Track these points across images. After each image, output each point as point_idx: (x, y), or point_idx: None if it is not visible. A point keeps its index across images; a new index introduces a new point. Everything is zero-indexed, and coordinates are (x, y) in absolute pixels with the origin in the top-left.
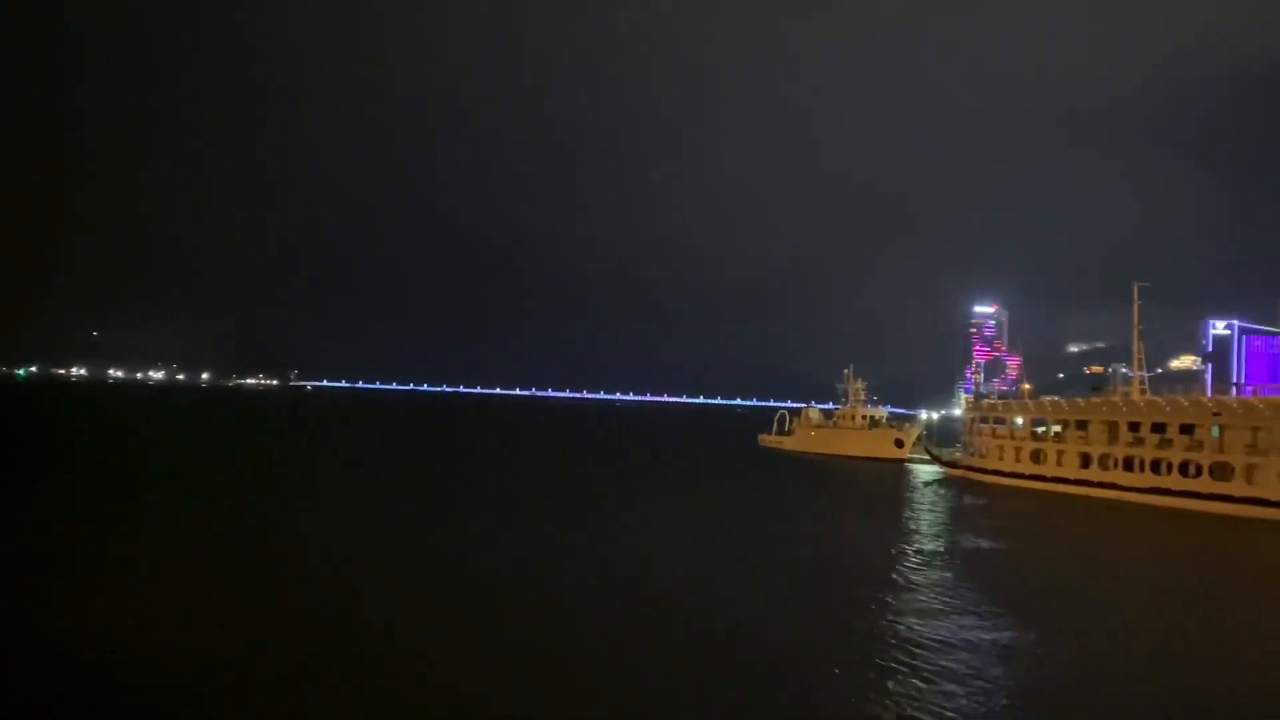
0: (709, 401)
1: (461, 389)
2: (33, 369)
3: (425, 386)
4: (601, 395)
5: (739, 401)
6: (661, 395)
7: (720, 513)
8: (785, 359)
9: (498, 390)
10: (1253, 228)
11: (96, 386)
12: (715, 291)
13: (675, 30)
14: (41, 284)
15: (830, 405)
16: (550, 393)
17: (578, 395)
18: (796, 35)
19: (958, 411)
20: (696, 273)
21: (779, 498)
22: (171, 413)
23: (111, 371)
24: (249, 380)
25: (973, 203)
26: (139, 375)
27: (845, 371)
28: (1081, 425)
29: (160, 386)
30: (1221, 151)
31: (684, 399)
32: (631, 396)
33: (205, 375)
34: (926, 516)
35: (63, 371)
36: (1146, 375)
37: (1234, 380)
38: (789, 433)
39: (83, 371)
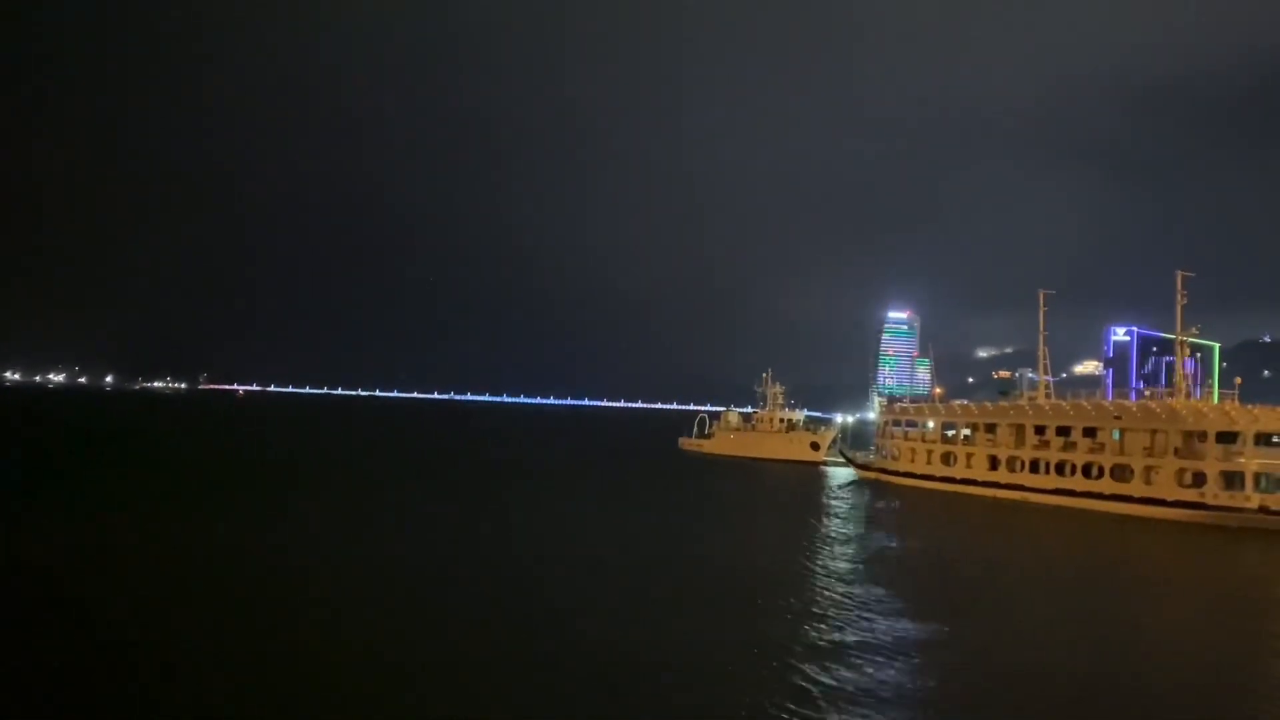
0: (632, 405)
1: (377, 392)
2: None
3: (339, 390)
4: (523, 399)
5: (662, 405)
6: (584, 400)
7: (630, 514)
8: (710, 363)
9: (415, 394)
10: (1154, 236)
11: None
12: (638, 297)
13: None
14: None
15: (750, 409)
16: (469, 396)
17: (498, 399)
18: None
19: (872, 415)
20: (622, 279)
21: (693, 500)
22: (94, 416)
23: (8, 374)
24: (156, 383)
25: (889, 211)
26: (37, 378)
27: (764, 375)
28: (990, 428)
29: (61, 389)
30: (1128, 163)
31: (608, 403)
32: (554, 400)
33: (109, 378)
34: (839, 518)
35: None
36: (1051, 380)
37: (1133, 385)
38: (709, 436)
39: None
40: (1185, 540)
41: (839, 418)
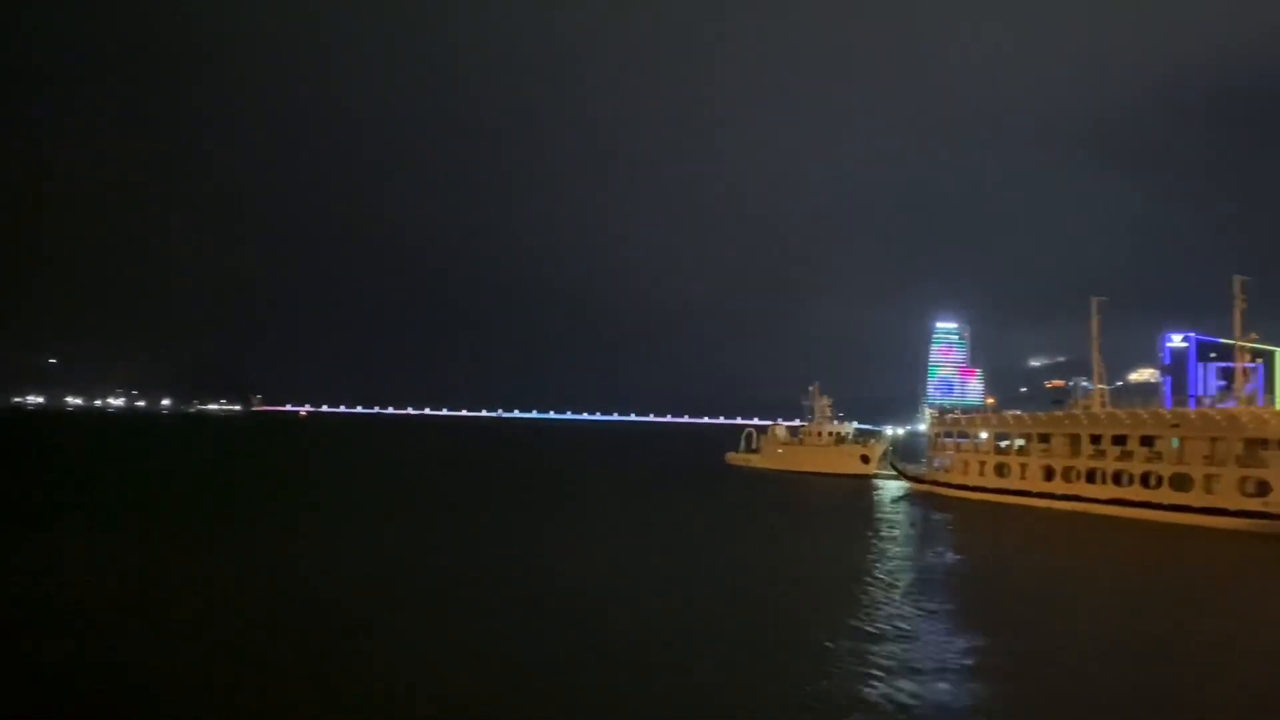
0: (677, 420)
1: (427, 410)
2: None
3: (390, 409)
4: (569, 416)
5: (708, 420)
6: (629, 415)
7: (683, 529)
8: (753, 377)
9: (463, 412)
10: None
11: (56, 415)
12: (680, 310)
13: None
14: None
15: (797, 422)
16: (516, 413)
17: (543, 415)
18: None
19: (922, 427)
20: (664, 293)
21: (744, 515)
22: (172, 440)
23: (69, 399)
24: (211, 405)
25: (937, 219)
26: (97, 402)
27: (811, 388)
28: (1044, 438)
29: (121, 413)
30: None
31: (654, 418)
32: (599, 416)
33: (166, 401)
34: (892, 531)
35: (19, 400)
36: (1107, 388)
37: (1191, 392)
38: (756, 450)
39: (40, 399)
40: (1249, 551)
41: (889, 430)
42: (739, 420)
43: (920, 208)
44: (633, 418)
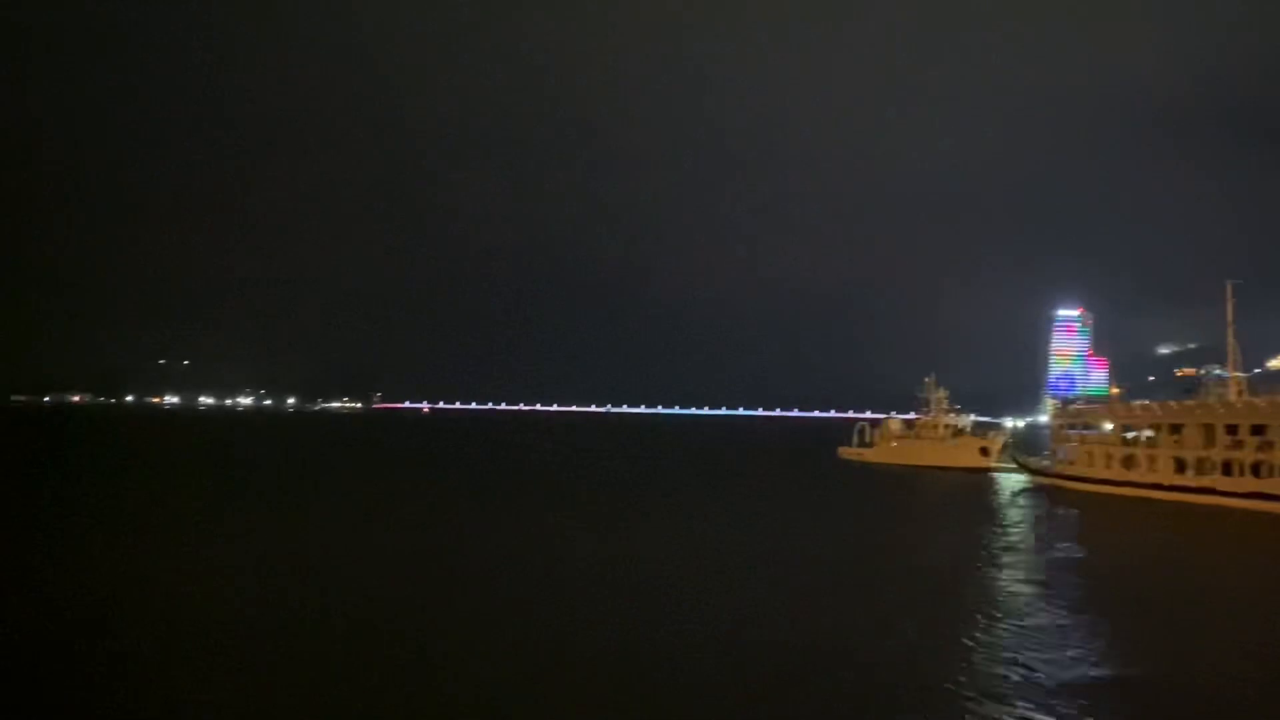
0: (787, 414)
1: (538, 406)
2: (129, 398)
3: (503, 405)
4: (677, 410)
5: (819, 414)
6: (738, 409)
7: (802, 523)
8: (861, 370)
9: (573, 407)
10: None
11: (192, 413)
12: (792, 305)
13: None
14: (135, 317)
15: (911, 415)
16: (625, 408)
17: (651, 410)
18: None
19: (1044, 418)
20: (770, 287)
21: (861, 509)
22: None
23: (202, 399)
24: (334, 403)
25: (1056, 203)
26: (227, 401)
27: (926, 380)
28: (1175, 429)
29: (250, 411)
30: None
31: (764, 412)
32: (707, 411)
33: (291, 400)
34: (1015, 526)
35: (156, 400)
36: (1244, 376)
37: None
38: (869, 444)
39: (175, 399)
40: None
41: (1008, 422)
42: (851, 414)
43: (1040, 192)
44: (742, 412)
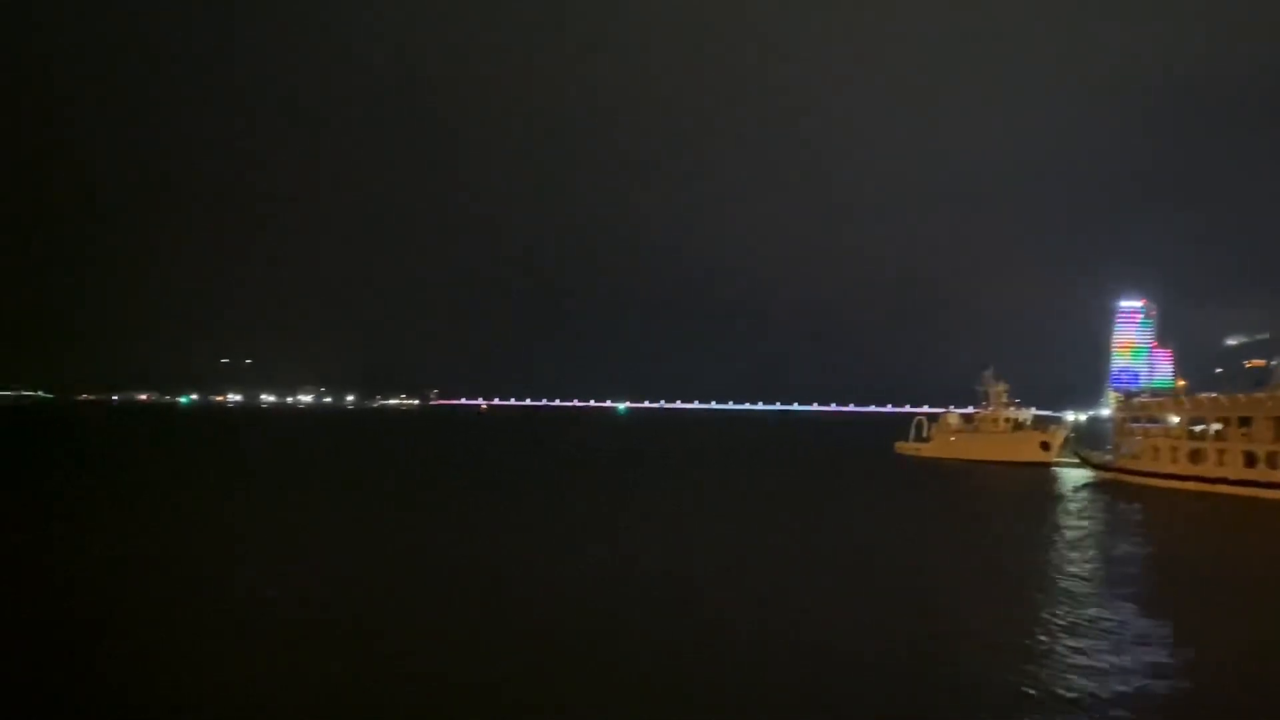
0: (843, 409)
1: (591, 402)
2: (193, 396)
3: (557, 401)
4: (730, 406)
5: (875, 408)
6: (793, 405)
7: (860, 518)
8: (917, 363)
9: (627, 403)
10: None
11: (255, 411)
12: (846, 297)
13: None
14: (199, 316)
15: (969, 409)
16: (678, 404)
17: (705, 406)
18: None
19: (1106, 411)
20: (820, 280)
21: (921, 504)
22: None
23: (264, 396)
24: (391, 401)
25: (1115, 191)
26: (288, 399)
27: (985, 373)
28: (1245, 422)
29: (310, 409)
30: None
31: (819, 407)
32: (761, 406)
33: (350, 397)
34: (1078, 521)
35: (219, 398)
36: None
37: None
38: (927, 439)
39: (238, 397)
40: None
41: (1069, 415)
42: (908, 409)
43: (1099, 179)
44: (796, 407)
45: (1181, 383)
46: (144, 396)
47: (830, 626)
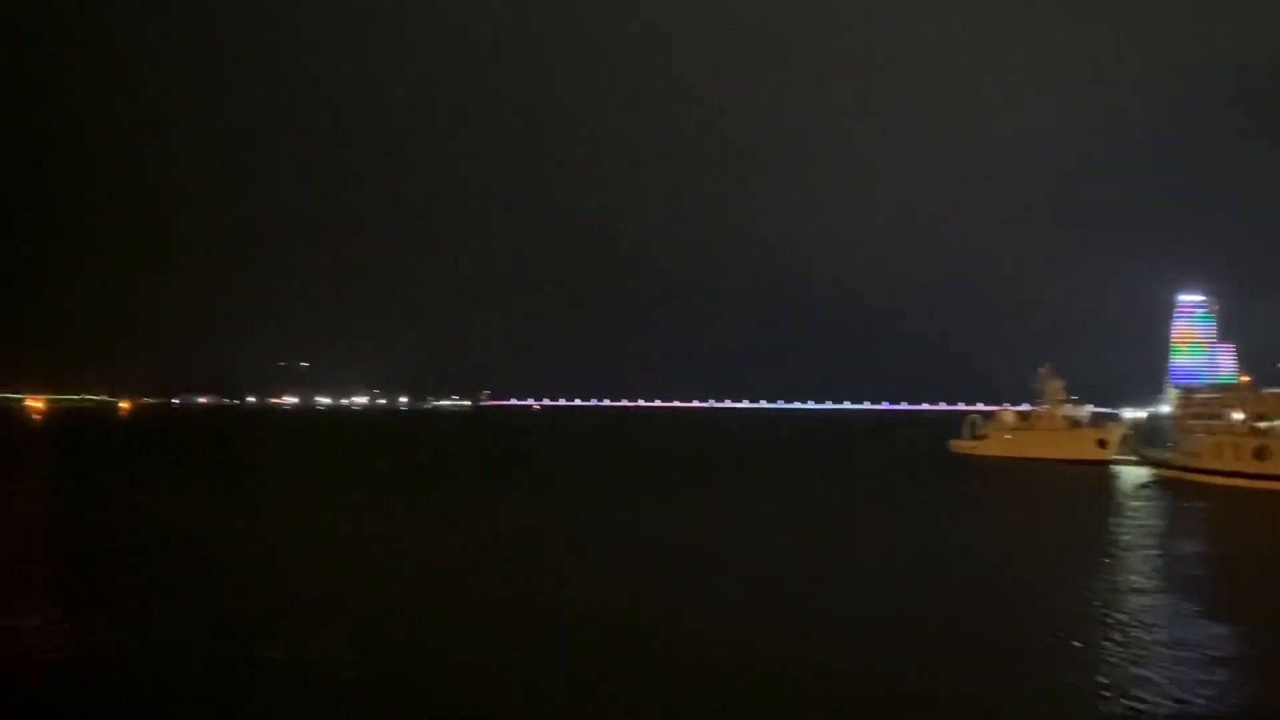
0: (894, 407)
1: (640, 402)
2: (250, 399)
3: (607, 401)
4: (780, 405)
5: (928, 406)
6: (843, 403)
7: (917, 520)
8: (977, 361)
9: (675, 403)
10: None
11: (319, 413)
12: (897, 293)
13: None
14: (253, 320)
15: (1025, 407)
16: (727, 403)
17: (754, 405)
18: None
19: (1166, 408)
20: (868, 277)
21: (979, 504)
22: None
23: (319, 399)
24: (444, 401)
25: (1173, 181)
26: (344, 401)
27: (1041, 370)
28: None
29: (365, 411)
30: None
31: (870, 405)
32: (810, 404)
33: (403, 399)
34: (1138, 522)
35: (276, 400)
36: None
37: None
38: (982, 437)
39: (295, 400)
40: None
41: (1128, 413)
42: (961, 406)
43: (1157, 170)
44: (847, 405)
45: (1245, 378)
46: (203, 400)
47: (909, 623)
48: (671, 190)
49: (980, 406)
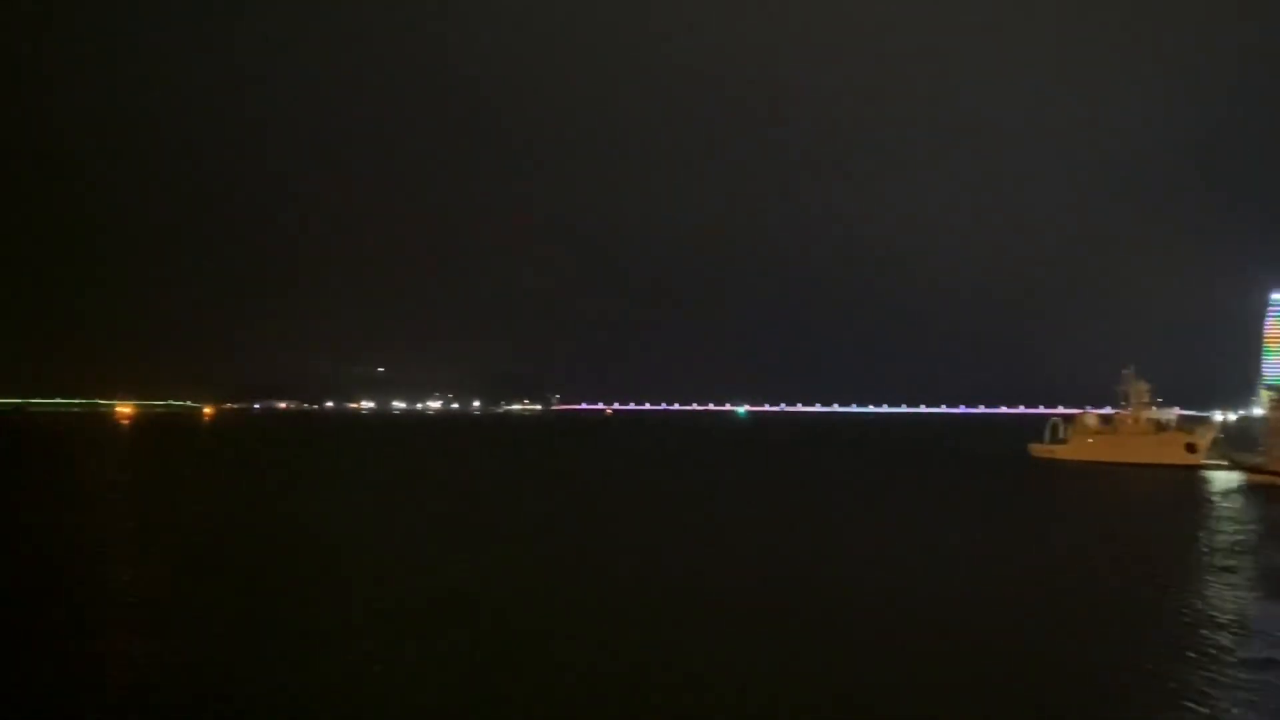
0: (972, 411)
1: (710, 406)
2: (328, 403)
3: (675, 405)
4: (855, 409)
5: (1007, 409)
6: (919, 406)
7: (1003, 528)
8: (1058, 363)
9: (746, 406)
10: None
11: (399, 419)
12: (976, 294)
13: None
14: (329, 326)
15: (1107, 410)
16: (799, 407)
17: (827, 410)
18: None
19: (1259, 411)
20: (948, 277)
21: (1060, 509)
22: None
23: (395, 403)
24: (515, 406)
25: (1260, 177)
26: (418, 406)
27: (1125, 372)
28: None
29: (440, 415)
30: None
31: (947, 409)
32: (886, 408)
33: (476, 403)
34: (1228, 530)
35: (354, 405)
36: None
37: None
38: (1063, 441)
39: (371, 404)
40: None
41: (1218, 415)
42: (1041, 410)
43: (1246, 164)
44: (923, 409)
45: None
46: (283, 405)
47: (1006, 641)
48: (747, 195)
49: (1060, 409)
